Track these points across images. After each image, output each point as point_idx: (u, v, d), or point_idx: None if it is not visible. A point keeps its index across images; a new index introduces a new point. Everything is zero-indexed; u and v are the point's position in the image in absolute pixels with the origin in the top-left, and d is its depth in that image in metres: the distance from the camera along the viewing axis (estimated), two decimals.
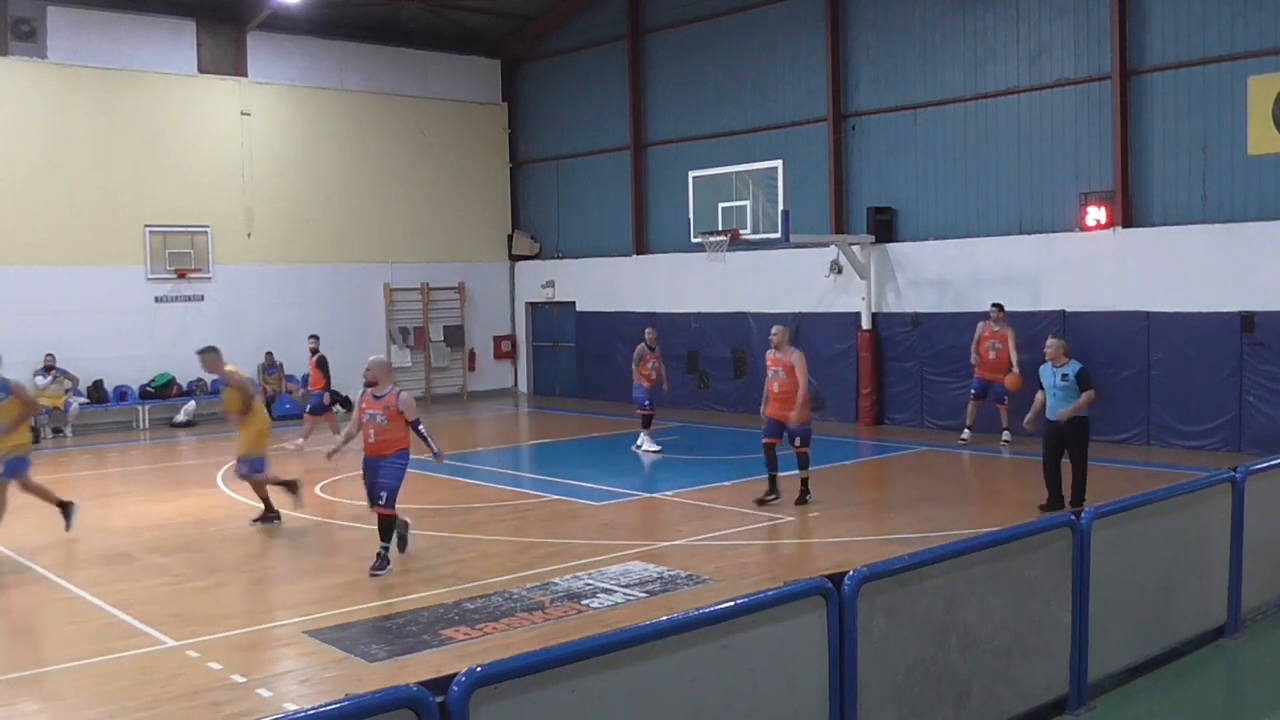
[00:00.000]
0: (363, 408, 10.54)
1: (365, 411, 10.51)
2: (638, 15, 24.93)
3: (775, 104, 22.31)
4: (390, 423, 10.41)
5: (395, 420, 10.42)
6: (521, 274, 28.11)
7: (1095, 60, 17.80)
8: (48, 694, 7.65)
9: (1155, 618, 7.18)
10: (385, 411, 10.43)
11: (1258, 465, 8.19)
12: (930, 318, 19.71)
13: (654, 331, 18.53)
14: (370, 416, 10.49)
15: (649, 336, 18.20)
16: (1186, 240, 16.79)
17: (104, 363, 21.95)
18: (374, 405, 10.49)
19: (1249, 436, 15.97)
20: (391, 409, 10.41)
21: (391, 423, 10.41)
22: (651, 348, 18.00)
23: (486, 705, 3.90)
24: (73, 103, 22.06)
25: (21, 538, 12.45)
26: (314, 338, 19.20)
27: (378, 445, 10.45)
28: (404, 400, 10.46)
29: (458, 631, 8.68)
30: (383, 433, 10.41)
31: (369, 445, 10.49)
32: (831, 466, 16.48)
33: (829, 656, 5.08)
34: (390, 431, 10.41)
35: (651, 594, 9.63)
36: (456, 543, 11.78)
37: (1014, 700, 6.14)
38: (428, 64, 26.77)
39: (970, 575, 5.89)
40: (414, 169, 26.51)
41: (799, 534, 11.86)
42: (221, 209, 23.73)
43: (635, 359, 17.97)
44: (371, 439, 10.45)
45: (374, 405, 10.49)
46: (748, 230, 18.73)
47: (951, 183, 19.75)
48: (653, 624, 4.60)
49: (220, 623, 9.17)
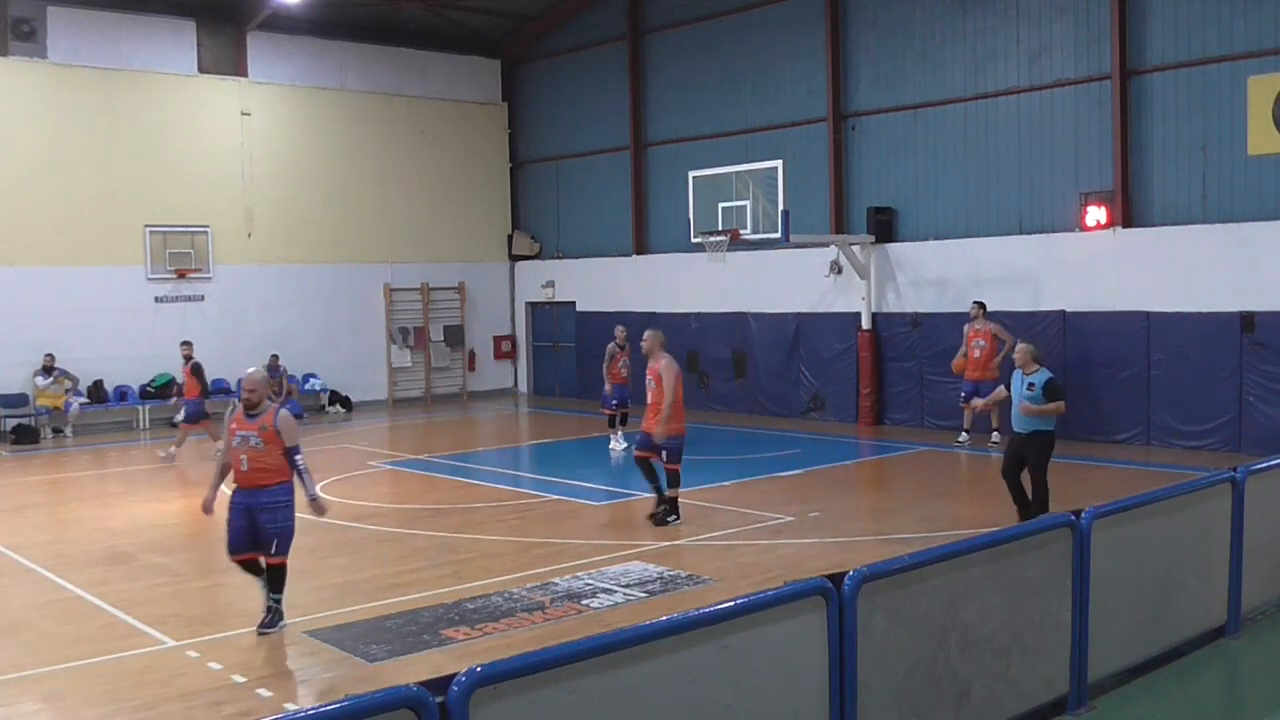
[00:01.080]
0: (233, 428, 8.86)
1: (236, 433, 8.81)
2: (638, 15, 24.94)
3: (775, 104, 22.31)
4: (268, 446, 8.74)
5: (274, 444, 8.76)
6: (521, 274, 28.12)
7: (1095, 60, 17.80)
8: (48, 694, 7.65)
9: (1155, 618, 7.18)
10: (261, 433, 8.74)
11: (1258, 465, 8.19)
12: (930, 318, 19.71)
13: (624, 330, 18.58)
14: (242, 439, 8.78)
15: (619, 335, 18.27)
16: (1186, 240, 16.79)
17: (104, 363, 21.95)
18: (247, 425, 8.80)
19: (1249, 436, 15.96)
20: (269, 429, 8.73)
21: (269, 446, 8.74)
22: (622, 347, 18.08)
23: (486, 705, 3.90)
24: (73, 103, 22.07)
25: (21, 538, 12.46)
26: (187, 344, 18.47)
27: (253, 474, 8.75)
28: (283, 420, 8.80)
29: (458, 631, 8.68)
30: (259, 459, 8.73)
31: (241, 474, 8.80)
32: (831, 466, 16.50)
33: (829, 656, 5.08)
34: (268, 457, 8.73)
35: (651, 594, 9.63)
36: (456, 543, 11.78)
37: (1014, 700, 6.13)
38: (428, 64, 26.78)
39: (970, 575, 5.89)
40: (414, 169, 26.51)
41: (799, 534, 11.86)
42: (221, 209, 23.74)
43: (606, 358, 18.08)
44: (244, 466, 8.75)
45: (247, 425, 8.80)
46: (748, 230, 18.74)
47: (951, 183, 19.75)
48: (653, 624, 4.60)
49: (220, 623, 9.18)
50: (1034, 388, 10.97)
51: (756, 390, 22.46)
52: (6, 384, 21.30)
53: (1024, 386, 11.10)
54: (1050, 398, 10.92)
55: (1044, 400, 10.91)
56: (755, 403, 22.44)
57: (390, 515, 13.37)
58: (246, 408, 8.87)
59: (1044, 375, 11.05)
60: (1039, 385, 10.95)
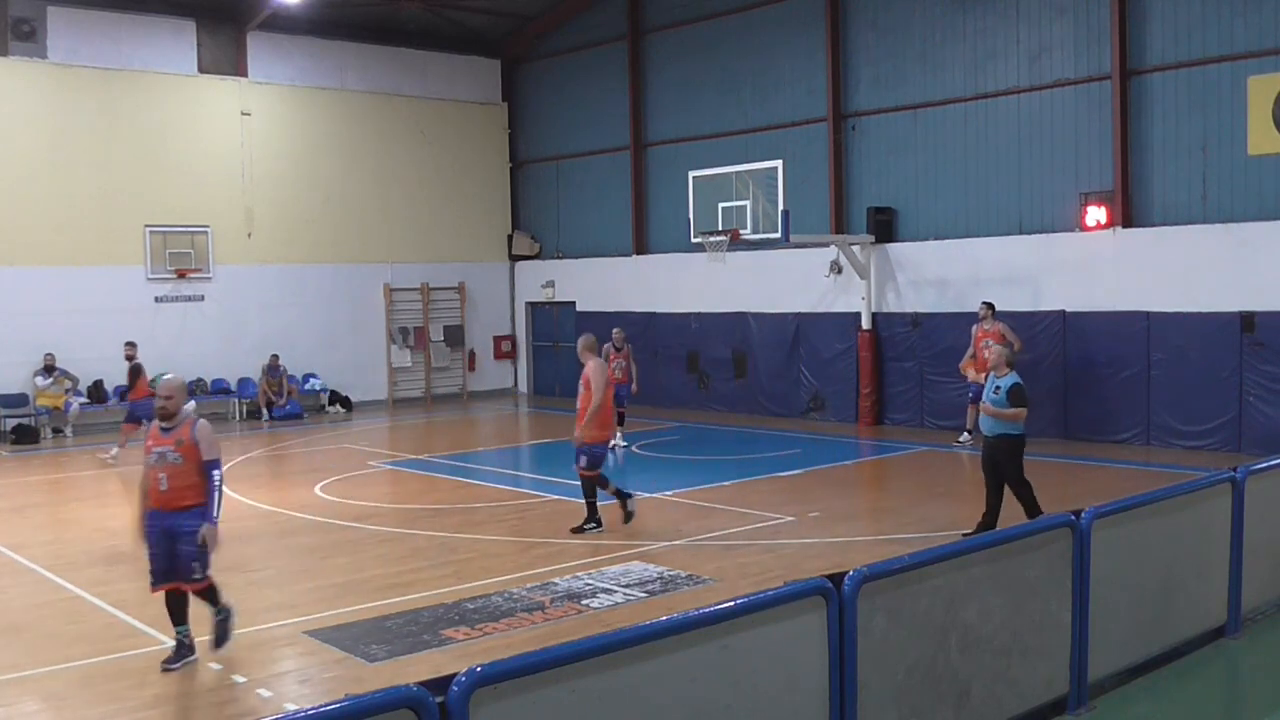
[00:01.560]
0: (149, 445, 8.01)
1: (152, 449, 7.95)
2: (638, 15, 24.94)
3: (775, 104, 22.31)
4: (186, 462, 7.88)
5: (194, 458, 7.89)
6: (521, 274, 28.12)
7: (1095, 60, 17.80)
8: (48, 694, 7.65)
9: (1155, 618, 7.18)
10: (178, 447, 7.87)
11: (1258, 465, 8.19)
12: (930, 318, 19.71)
13: (621, 331, 18.70)
14: (159, 455, 7.91)
15: (616, 336, 18.39)
16: (1186, 240, 16.78)
17: (104, 363, 21.93)
18: (163, 440, 7.91)
19: (1249, 436, 15.96)
20: (186, 443, 7.88)
21: (188, 462, 7.88)
22: (618, 347, 18.13)
23: (486, 705, 3.90)
24: (73, 103, 22.07)
25: (21, 538, 12.46)
26: (130, 344, 18.22)
27: (171, 494, 7.87)
28: (202, 430, 7.95)
29: (458, 631, 8.68)
30: (177, 476, 7.87)
31: (158, 494, 7.90)
32: (831, 466, 16.49)
33: (829, 656, 5.08)
34: (190, 474, 7.90)
35: (651, 594, 9.63)
36: (456, 543, 11.78)
37: (1014, 700, 6.14)
38: (428, 64, 26.78)
39: (970, 575, 5.89)
40: (414, 169, 26.51)
41: (799, 534, 11.85)
42: (221, 209, 23.74)
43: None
44: (162, 485, 7.86)
45: (163, 440, 7.91)
46: (748, 230, 18.75)
47: (951, 183, 19.75)
48: (653, 624, 4.60)
49: None
50: (1000, 391, 11.01)
51: (756, 390, 22.46)
52: (6, 384, 21.30)
53: (991, 389, 11.17)
54: (1013, 403, 10.92)
55: (1007, 405, 10.92)
56: (755, 403, 22.43)
57: (390, 515, 13.37)
58: (161, 418, 7.98)
59: (1011, 380, 11.04)
60: (1004, 389, 10.97)
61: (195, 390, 23.27)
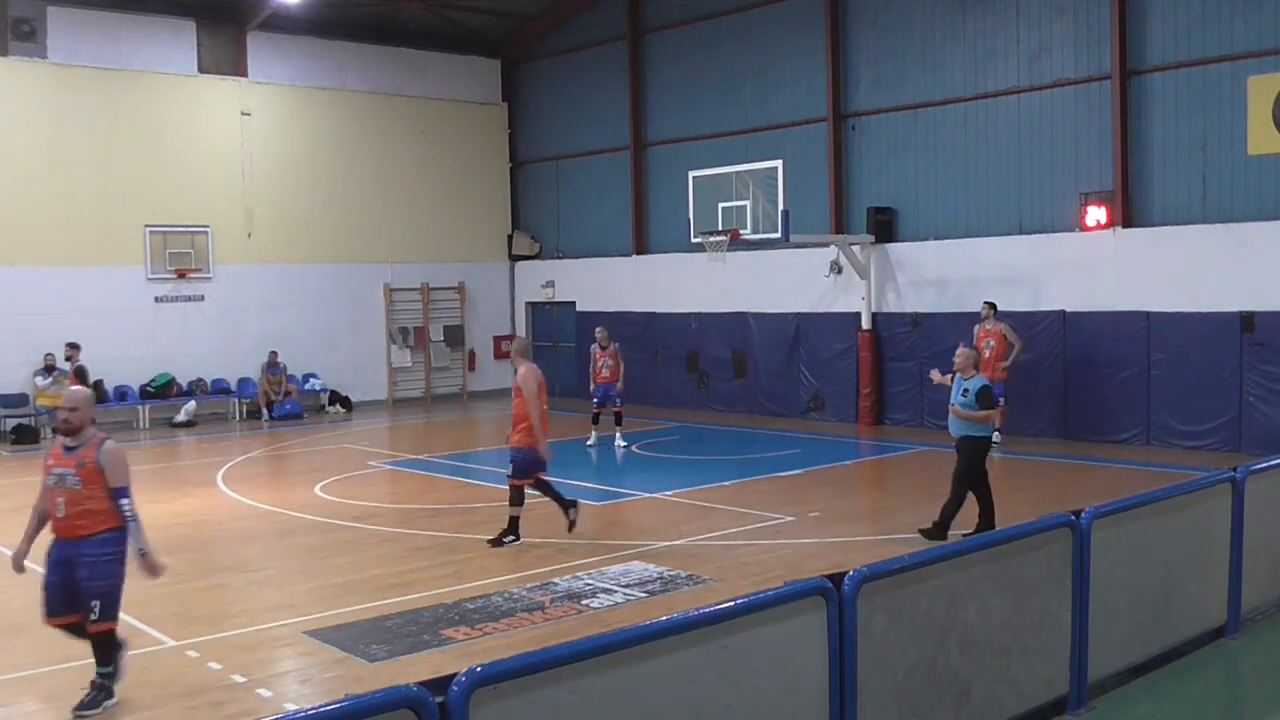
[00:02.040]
0: (48, 465, 7.21)
1: (52, 470, 7.16)
2: (638, 15, 24.93)
3: (775, 104, 22.31)
4: (87, 486, 7.06)
5: (96, 483, 7.08)
6: (521, 274, 28.11)
7: (1095, 60, 17.79)
8: (48, 694, 7.64)
9: (1155, 618, 7.18)
10: (80, 469, 7.06)
11: (1258, 465, 8.19)
12: (930, 318, 19.70)
13: (604, 330, 18.83)
14: (58, 478, 7.11)
15: (600, 335, 18.52)
16: (1186, 240, 16.78)
17: (104, 363, 21.92)
18: (64, 460, 7.11)
19: (1249, 436, 15.96)
20: (89, 465, 7.06)
21: (89, 486, 7.06)
22: (603, 346, 18.27)
23: (486, 705, 3.91)
24: (73, 103, 22.07)
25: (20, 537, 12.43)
26: (72, 345, 18.01)
27: (71, 521, 7.08)
28: (108, 453, 7.10)
29: (458, 631, 8.68)
30: (76, 501, 7.05)
31: (57, 522, 7.14)
32: (831, 466, 16.49)
33: (829, 656, 5.09)
34: (89, 500, 7.07)
35: (651, 594, 9.63)
36: (456, 543, 11.77)
37: (1014, 700, 6.14)
38: (428, 64, 26.77)
39: (970, 575, 5.89)
40: (414, 169, 26.50)
41: (799, 534, 11.86)
42: (221, 209, 23.74)
43: (589, 359, 18.57)
44: (61, 512, 7.10)
45: (64, 460, 7.11)
46: (748, 230, 18.75)
47: (951, 183, 19.75)
48: (653, 624, 4.60)
49: (220, 623, 9.17)
50: (968, 393, 11.20)
51: (756, 390, 22.46)
52: (6, 384, 21.30)
53: (959, 391, 11.33)
54: (982, 405, 11.13)
55: (976, 407, 11.12)
56: (755, 403, 22.43)
57: (390, 515, 13.36)
58: (65, 434, 7.22)
59: (979, 382, 11.25)
60: (973, 391, 11.17)
61: (195, 390, 23.30)
